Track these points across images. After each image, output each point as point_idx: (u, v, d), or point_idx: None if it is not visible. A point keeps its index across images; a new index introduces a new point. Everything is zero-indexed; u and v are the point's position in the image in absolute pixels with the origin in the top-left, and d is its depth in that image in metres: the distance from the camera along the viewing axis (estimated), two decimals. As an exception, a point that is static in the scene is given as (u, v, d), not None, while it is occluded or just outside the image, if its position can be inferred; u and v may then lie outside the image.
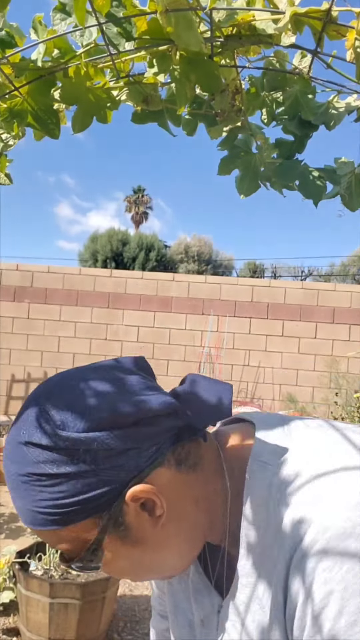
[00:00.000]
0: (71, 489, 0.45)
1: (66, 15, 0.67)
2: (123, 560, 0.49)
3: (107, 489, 0.45)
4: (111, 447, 0.45)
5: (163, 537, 0.49)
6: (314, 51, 0.69)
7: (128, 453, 0.46)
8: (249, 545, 0.48)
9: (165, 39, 0.68)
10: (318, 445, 0.47)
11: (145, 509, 0.47)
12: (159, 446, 0.47)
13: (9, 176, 0.90)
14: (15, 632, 2.09)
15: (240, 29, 0.69)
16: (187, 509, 0.50)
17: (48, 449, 0.45)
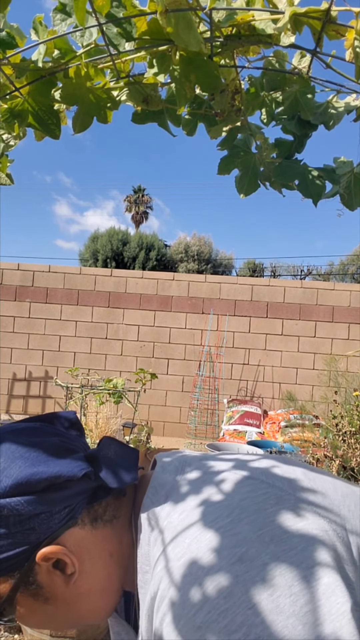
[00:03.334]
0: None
1: (66, 15, 0.67)
2: (37, 615, 0.50)
3: (18, 551, 0.46)
4: (21, 513, 0.46)
5: (76, 594, 0.50)
6: (313, 51, 0.69)
7: (39, 516, 0.47)
8: (141, 595, 0.49)
9: (165, 39, 0.69)
10: (191, 500, 0.47)
11: (58, 567, 0.48)
12: (72, 507, 0.49)
13: (10, 176, 0.91)
14: (17, 629, 2.10)
15: (239, 29, 0.69)
16: (101, 564, 0.51)
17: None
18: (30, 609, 0.49)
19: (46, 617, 0.51)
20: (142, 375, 3.17)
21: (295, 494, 0.46)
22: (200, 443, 5.23)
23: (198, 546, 0.42)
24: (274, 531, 0.41)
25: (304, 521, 0.42)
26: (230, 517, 0.43)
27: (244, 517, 0.42)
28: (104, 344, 5.87)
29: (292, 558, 0.39)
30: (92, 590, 0.51)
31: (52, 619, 0.51)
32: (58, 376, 5.74)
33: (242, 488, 0.46)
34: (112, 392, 2.42)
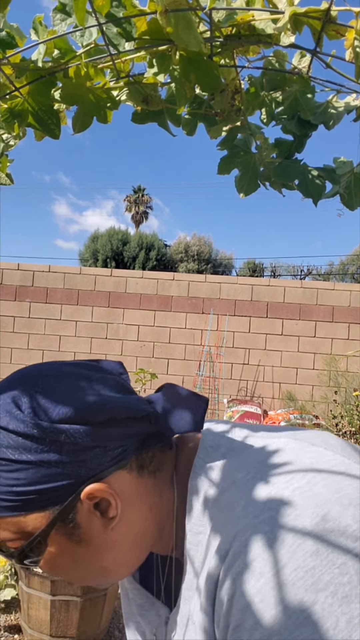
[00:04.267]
0: (29, 477, 0.44)
1: (66, 15, 0.67)
2: (64, 558, 0.48)
3: (65, 483, 0.44)
4: (78, 442, 0.44)
5: (110, 540, 0.48)
6: (313, 51, 0.69)
7: (93, 450, 0.45)
8: (190, 557, 0.47)
9: (165, 39, 0.69)
10: (252, 458, 0.47)
11: (99, 508, 0.47)
12: (125, 448, 0.47)
13: (10, 176, 0.91)
14: (17, 629, 2.10)
15: (239, 29, 0.69)
16: (140, 515, 0.50)
17: (14, 433, 0.44)
18: (60, 549, 0.47)
19: (71, 563, 0.48)
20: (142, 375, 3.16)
21: (356, 462, 0.45)
22: (200, 443, 5.23)
23: (277, 505, 0.40)
24: (350, 495, 0.40)
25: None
26: (306, 479, 0.41)
27: (319, 480, 0.41)
28: (104, 344, 5.87)
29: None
30: (126, 540, 0.49)
31: (77, 565, 0.49)
32: (58, 376, 5.73)
33: (307, 453, 0.45)
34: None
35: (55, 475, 0.44)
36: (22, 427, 0.44)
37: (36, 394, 0.46)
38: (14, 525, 0.45)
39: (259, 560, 0.38)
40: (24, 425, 0.44)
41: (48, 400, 0.45)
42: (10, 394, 0.46)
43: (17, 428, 0.44)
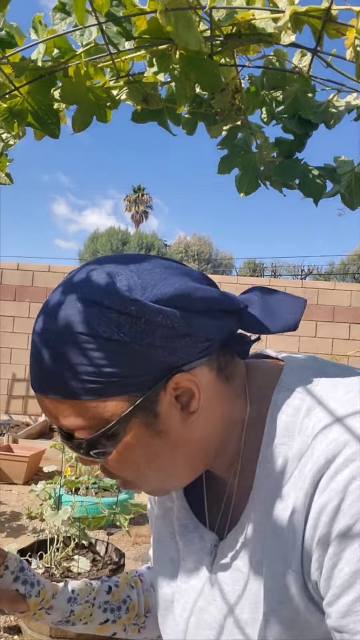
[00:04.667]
0: (119, 358, 0.41)
1: (66, 14, 0.67)
2: (138, 450, 0.45)
3: (153, 369, 0.42)
4: (173, 327, 0.42)
5: (185, 437, 0.46)
6: (314, 50, 0.69)
7: (184, 339, 0.43)
8: (267, 473, 0.45)
9: (165, 38, 0.68)
10: (350, 381, 0.45)
11: (180, 401, 0.44)
12: (212, 344, 0.45)
13: (10, 176, 0.90)
14: (17, 630, 2.10)
15: (240, 28, 0.69)
16: (214, 418, 0.47)
17: (109, 310, 0.41)
18: (136, 439, 0.44)
19: (144, 457, 0.46)
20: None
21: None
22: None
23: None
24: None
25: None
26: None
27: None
28: (104, 343, 5.87)
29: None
30: (198, 440, 0.47)
31: (148, 460, 0.46)
32: (58, 376, 5.73)
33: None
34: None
35: (145, 359, 0.42)
36: (119, 303, 0.41)
37: (132, 273, 0.43)
38: (91, 411, 0.43)
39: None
40: (121, 301, 0.41)
41: (145, 279, 0.43)
42: (104, 269, 0.43)
43: (112, 304, 0.41)
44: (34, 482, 2.86)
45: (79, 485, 2.54)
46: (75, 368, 0.42)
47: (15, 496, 3.76)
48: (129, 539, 2.79)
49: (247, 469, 0.48)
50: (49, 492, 2.31)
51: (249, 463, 0.48)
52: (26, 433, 4.86)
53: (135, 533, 3.11)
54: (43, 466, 3.18)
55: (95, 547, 2.23)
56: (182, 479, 0.50)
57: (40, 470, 3.93)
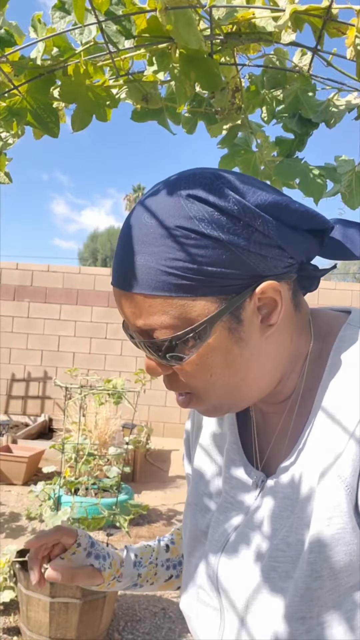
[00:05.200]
0: (214, 257, 0.41)
1: (65, 13, 0.67)
2: (217, 356, 0.45)
3: (244, 273, 0.43)
4: (268, 235, 0.43)
5: (262, 350, 0.46)
6: (314, 49, 0.69)
7: (275, 250, 0.44)
8: (327, 402, 0.46)
9: (164, 37, 0.68)
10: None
11: (261, 312, 0.45)
12: (294, 262, 0.46)
13: (9, 175, 0.90)
14: (16, 631, 2.09)
15: (240, 27, 0.69)
16: (286, 339, 0.48)
17: (212, 206, 0.42)
18: (217, 343, 0.44)
19: (221, 363, 0.45)
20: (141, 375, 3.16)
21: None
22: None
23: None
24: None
25: None
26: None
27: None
28: (103, 343, 5.86)
29: None
30: (272, 358, 0.48)
31: (225, 367, 0.46)
32: (57, 376, 5.73)
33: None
34: (111, 393, 2.42)
35: (238, 262, 0.42)
36: (222, 202, 0.42)
37: (234, 177, 0.44)
38: (178, 308, 0.43)
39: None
40: (225, 200, 0.42)
41: (247, 184, 0.43)
42: (207, 171, 0.44)
43: (216, 202, 0.42)
44: (33, 483, 2.86)
45: (79, 486, 2.53)
46: (171, 262, 0.42)
47: (14, 497, 3.76)
48: (128, 539, 2.79)
49: (304, 403, 0.49)
50: (48, 493, 2.31)
51: (306, 398, 0.49)
52: (25, 433, 4.86)
53: (135, 534, 3.10)
54: (42, 467, 3.17)
55: (95, 547, 2.22)
56: (246, 398, 0.49)
57: (40, 470, 3.93)
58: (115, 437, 3.87)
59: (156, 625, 2.22)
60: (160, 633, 2.17)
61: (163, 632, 2.18)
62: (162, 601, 2.41)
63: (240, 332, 0.45)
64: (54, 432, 5.32)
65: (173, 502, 3.72)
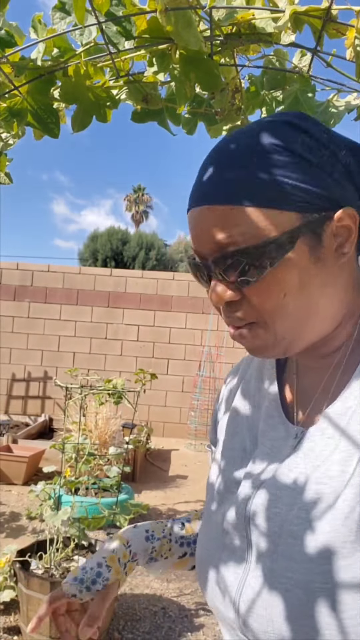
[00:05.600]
0: (304, 176, 0.45)
1: (66, 14, 0.67)
2: (295, 272, 0.46)
3: (327, 195, 0.46)
4: (348, 169, 0.48)
5: (333, 278, 0.48)
6: (314, 50, 0.69)
7: (352, 186, 0.48)
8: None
9: (164, 38, 0.68)
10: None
11: (337, 240, 0.48)
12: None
13: (9, 175, 0.90)
14: (16, 631, 2.10)
15: (240, 28, 0.69)
16: (349, 280, 0.50)
17: (304, 132, 0.47)
18: (298, 258, 0.46)
19: (296, 284, 0.46)
20: (141, 375, 3.17)
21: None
22: (200, 444, 5.22)
23: None
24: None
25: None
26: None
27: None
28: (103, 344, 5.86)
29: None
30: (341, 290, 0.49)
31: (298, 287, 0.47)
32: (57, 376, 5.73)
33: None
34: (111, 393, 2.42)
35: (323, 184, 0.46)
36: (314, 129, 0.47)
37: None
38: (265, 220, 0.45)
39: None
40: (315, 127, 0.48)
41: (328, 125, 0.50)
42: (294, 113, 0.50)
43: (309, 128, 0.47)
44: (33, 483, 2.86)
45: (79, 486, 2.53)
46: (262, 175, 0.45)
47: (14, 496, 3.76)
48: (128, 539, 2.79)
49: (352, 359, 0.51)
50: (48, 493, 2.31)
51: (355, 353, 0.51)
52: (25, 433, 4.86)
53: (135, 533, 3.10)
54: (42, 466, 3.17)
55: (95, 547, 2.23)
56: (308, 334, 0.50)
57: (40, 470, 3.92)
58: (115, 437, 3.87)
59: (156, 625, 2.22)
60: (160, 632, 2.17)
61: (163, 632, 2.18)
62: (162, 600, 2.41)
63: (319, 252, 0.47)
64: (54, 432, 5.32)
65: (173, 502, 3.72)
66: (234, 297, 0.48)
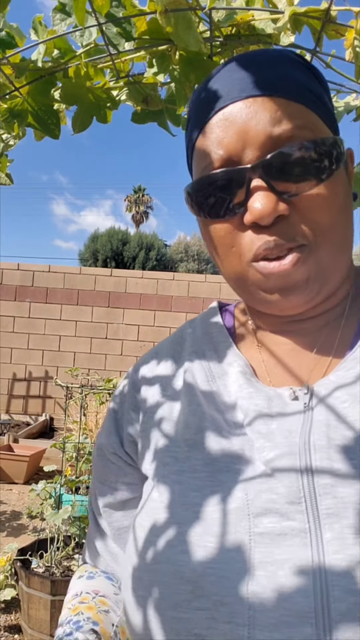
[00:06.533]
0: (327, 96, 0.47)
1: (66, 15, 0.67)
2: (342, 192, 0.44)
3: (336, 127, 0.48)
4: (333, 110, 0.49)
5: (349, 212, 0.46)
6: (313, 50, 0.69)
7: (336, 129, 0.48)
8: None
9: (164, 39, 0.69)
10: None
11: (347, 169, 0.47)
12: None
13: (10, 176, 0.91)
14: (17, 629, 2.10)
15: (239, 29, 0.69)
16: (350, 230, 0.47)
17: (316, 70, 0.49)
18: (341, 177, 0.45)
19: (342, 203, 0.44)
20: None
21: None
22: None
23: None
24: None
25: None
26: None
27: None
28: (104, 344, 5.87)
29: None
30: (351, 232, 0.47)
31: (343, 208, 0.44)
32: (58, 376, 5.74)
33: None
34: (112, 392, 2.43)
35: (324, 112, 0.46)
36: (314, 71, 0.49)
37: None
38: (316, 123, 0.44)
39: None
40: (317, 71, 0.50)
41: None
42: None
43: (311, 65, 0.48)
44: (34, 482, 2.87)
45: (79, 485, 2.54)
46: (308, 82, 0.45)
47: (15, 495, 3.77)
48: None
49: (353, 313, 0.48)
50: (49, 492, 2.31)
51: (353, 307, 0.49)
52: (26, 433, 4.87)
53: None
54: (43, 466, 3.18)
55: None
56: (336, 277, 0.46)
57: (41, 469, 3.93)
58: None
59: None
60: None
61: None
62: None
63: (346, 176, 0.46)
64: (54, 431, 5.33)
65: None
66: (287, 211, 0.41)
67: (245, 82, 0.43)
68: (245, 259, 0.44)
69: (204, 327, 0.55)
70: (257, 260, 0.43)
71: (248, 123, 0.42)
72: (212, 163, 0.44)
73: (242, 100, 0.42)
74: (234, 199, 0.43)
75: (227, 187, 0.43)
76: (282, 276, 0.43)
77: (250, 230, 0.43)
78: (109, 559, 0.56)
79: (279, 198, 0.41)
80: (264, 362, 0.49)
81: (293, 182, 0.41)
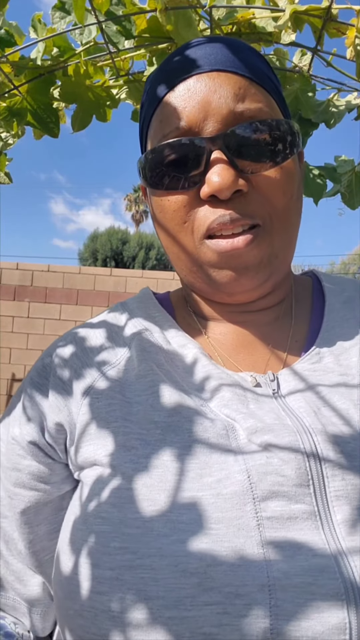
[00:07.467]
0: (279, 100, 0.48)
1: (65, 13, 0.67)
2: (296, 177, 0.45)
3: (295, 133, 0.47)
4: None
5: (300, 206, 0.47)
6: (314, 49, 0.69)
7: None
8: (330, 305, 0.50)
9: (164, 37, 0.68)
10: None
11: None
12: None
13: (9, 175, 0.90)
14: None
15: (240, 27, 0.69)
16: (298, 221, 0.48)
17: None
18: (295, 165, 0.45)
19: (295, 189, 0.45)
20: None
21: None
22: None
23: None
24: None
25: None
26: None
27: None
28: (103, 343, 5.86)
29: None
30: (298, 223, 0.48)
31: (297, 195, 0.45)
32: (58, 376, 5.73)
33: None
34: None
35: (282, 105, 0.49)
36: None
37: None
38: (274, 109, 0.45)
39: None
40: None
41: None
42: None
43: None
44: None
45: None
46: (268, 71, 0.47)
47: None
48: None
49: (300, 318, 0.50)
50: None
51: (299, 301, 0.51)
52: (26, 433, 4.87)
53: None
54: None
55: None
56: (285, 264, 0.47)
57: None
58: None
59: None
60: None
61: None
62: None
63: (298, 167, 0.47)
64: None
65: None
66: (245, 187, 0.41)
67: (211, 57, 0.43)
68: (198, 235, 0.43)
69: (144, 310, 0.51)
70: (211, 236, 0.42)
71: (211, 95, 0.41)
72: (172, 132, 0.42)
73: (207, 73, 0.42)
74: (192, 170, 0.41)
75: (185, 158, 0.41)
76: (234, 256, 0.42)
77: (207, 204, 0.42)
78: (12, 580, 0.47)
79: (238, 173, 0.41)
80: (215, 349, 0.47)
81: (252, 160, 0.41)
